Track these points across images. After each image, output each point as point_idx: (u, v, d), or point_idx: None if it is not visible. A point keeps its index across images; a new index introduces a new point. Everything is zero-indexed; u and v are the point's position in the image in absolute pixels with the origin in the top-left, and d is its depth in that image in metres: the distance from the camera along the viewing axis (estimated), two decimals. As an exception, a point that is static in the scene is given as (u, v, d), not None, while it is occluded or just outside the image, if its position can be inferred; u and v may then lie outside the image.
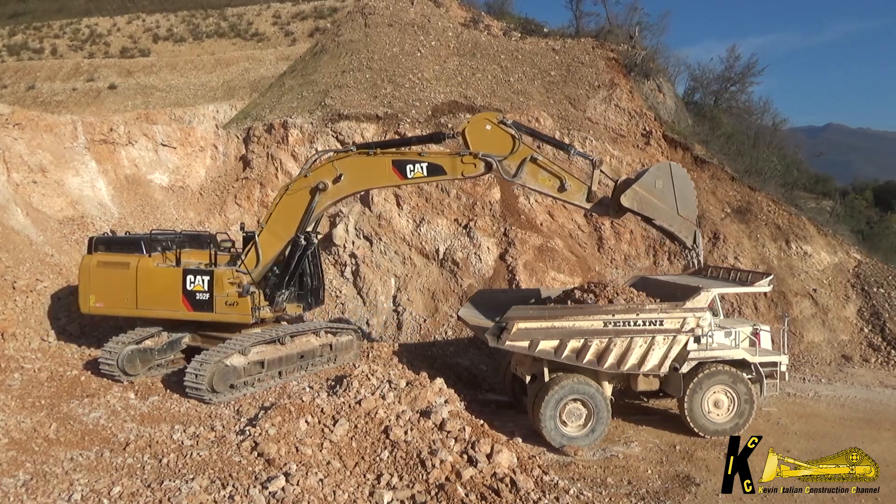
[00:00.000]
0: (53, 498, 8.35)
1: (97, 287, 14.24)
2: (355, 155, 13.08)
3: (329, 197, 13.27)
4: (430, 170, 12.86)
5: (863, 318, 21.88)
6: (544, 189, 12.93)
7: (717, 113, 33.00)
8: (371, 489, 9.47)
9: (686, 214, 12.32)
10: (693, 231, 12.54)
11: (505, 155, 12.57)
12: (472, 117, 13.30)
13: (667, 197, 12.11)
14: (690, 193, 12.54)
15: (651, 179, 12.13)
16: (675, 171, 12.24)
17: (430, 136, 13.59)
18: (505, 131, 12.61)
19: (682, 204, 12.25)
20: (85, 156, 21.24)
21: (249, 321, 13.59)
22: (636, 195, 12.30)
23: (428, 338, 19.63)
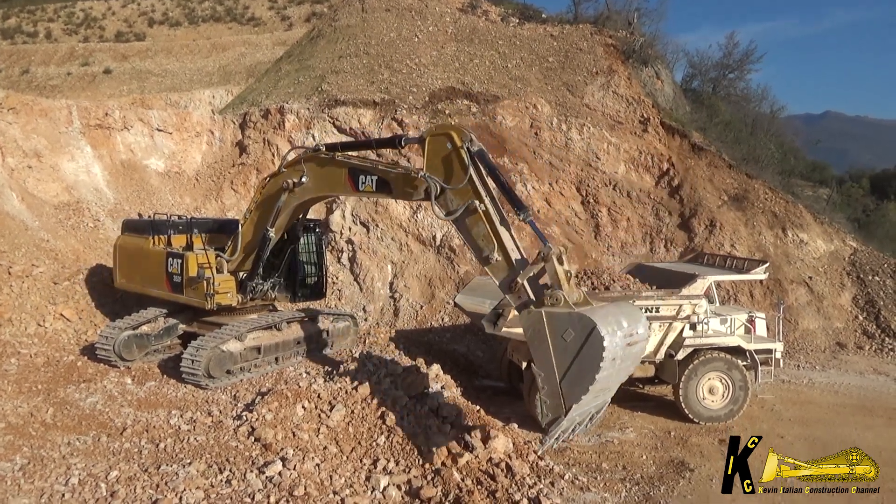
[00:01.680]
0: (51, 482, 8.37)
1: (122, 266, 15.31)
2: (319, 157, 12.14)
3: (296, 198, 12.63)
4: (378, 185, 11.18)
5: (858, 305, 21.98)
6: (471, 245, 10.13)
7: (715, 100, 32.93)
8: (368, 474, 9.53)
9: (566, 391, 8.36)
10: (558, 413, 8.53)
11: (451, 185, 10.00)
12: (439, 126, 11.03)
13: (562, 356, 8.37)
14: (589, 378, 8.22)
15: (565, 324, 8.35)
16: (594, 341, 8.05)
17: (390, 139, 11.81)
18: (462, 160, 9.94)
19: (572, 378, 8.32)
20: (80, 141, 21.11)
21: (206, 306, 13.63)
22: (536, 320, 8.71)
23: (424, 324, 19.68)
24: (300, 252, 15.07)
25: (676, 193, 24.70)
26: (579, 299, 8.97)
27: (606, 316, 8.39)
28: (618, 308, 9.21)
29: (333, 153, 11.94)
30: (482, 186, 9.91)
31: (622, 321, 8.60)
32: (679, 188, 24.73)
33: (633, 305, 9.70)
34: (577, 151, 25.00)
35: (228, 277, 13.87)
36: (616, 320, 8.48)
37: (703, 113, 29.81)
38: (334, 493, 8.77)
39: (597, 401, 8.98)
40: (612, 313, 8.66)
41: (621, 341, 8.41)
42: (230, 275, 13.93)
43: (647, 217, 24.27)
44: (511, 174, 23.48)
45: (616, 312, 8.81)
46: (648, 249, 23.73)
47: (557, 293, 8.70)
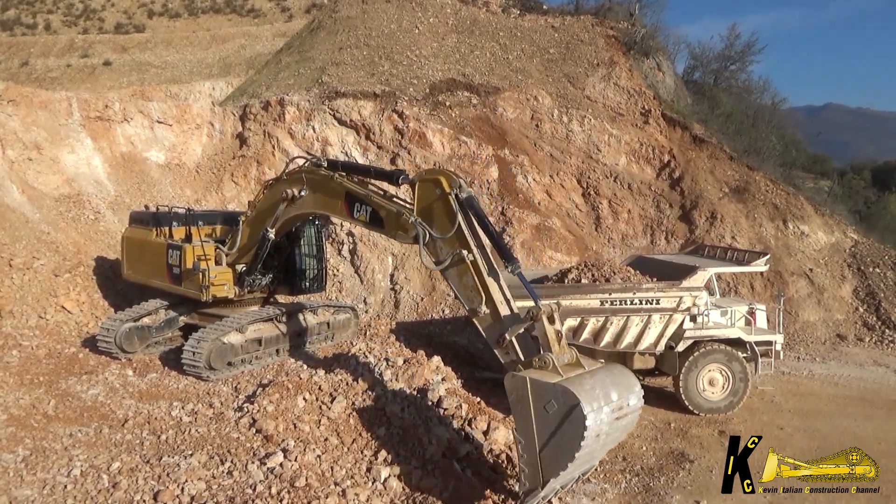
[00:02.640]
0: (53, 473, 8.41)
1: (129, 257, 15.48)
2: (320, 174, 11.91)
3: (294, 209, 12.55)
4: (371, 217, 10.85)
5: (858, 297, 21.98)
6: (459, 296, 9.79)
7: (717, 92, 32.83)
8: (368, 465, 9.56)
9: (545, 463, 7.97)
10: (535, 485, 8.15)
11: (439, 234, 9.71)
12: (429, 171, 10.58)
13: (544, 427, 7.93)
14: (569, 454, 7.76)
15: (548, 395, 7.87)
16: (576, 418, 7.59)
17: (391, 172, 11.20)
18: (450, 208, 9.60)
19: (552, 451, 7.90)
20: (80, 133, 21.08)
21: (201, 298, 13.66)
22: (520, 385, 8.13)
23: (425, 316, 19.70)
24: (301, 245, 15.11)
25: (677, 185, 24.66)
26: (571, 360, 8.56)
27: (593, 389, 7.92)
28: (609, 376, 8.56)
29: (334, 172, 11.64)
30: (471, 235, 9.57)
31: (611, 393, 8.09)
32: (680, 180, 24.69)
33: (626, 371, 9.07)
34: (578, 143, 24.95)
35: (226, 270, 13.90)
36: (604, 393, 8.00)
37: (705, 105, 29.73)
38: (335, 485, 8.80)
39: (579, 470, 8.65)
40: (600, 384, 8.13)
41: (608, 417, 7.91)
42: (228, 267, 13.95)
43: (647, 209, 24.25)
44: (512, 166, 23.47)
45: (606, 382, 8.25)
46: (649, 241, 23.72)
47: (547, 357, 8.30)
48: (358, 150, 23.63)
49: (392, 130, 23.57)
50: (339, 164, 12.18)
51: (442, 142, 23.40)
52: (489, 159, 23.27)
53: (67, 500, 7.79)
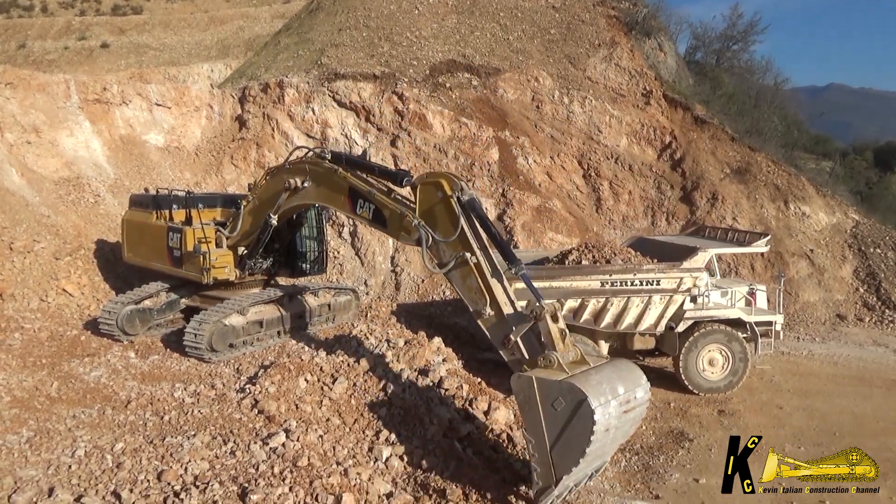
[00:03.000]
0: (57, 454, 8.47)
1: (129, 240, 15.52)
2: (323, 167, 11.83)
3: (297, 199, 12.53)
4: (374, 215, 10.87)
5: (858, 277, 22.00)
6: (464, 298, 9.83)
7: (719, 72, 32.61)
8: (370, 445, 9.63)
9: (556, 461, 7.98)
10: (548, 483, 8.15)
11: (442, 237, 9.74)
12: (430, 174, 10.45)
13: (553, 425, 7.93)
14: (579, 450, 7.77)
15: (555, 393, 7.88)
16: (584, 413, 7.62)
17: (395, 173, 11.06)
18: (452, 211, 9.62)
19: (562, 448, 7.90)
20: (79, 116, 20.99)
21: (202, 280, 13.68)
22: (527, 385, 8.17)
23: (426, 298, 19.74)
24: (302, 227, 15.12)
25: (678, 166, 24.58)
26: (576, 357, 8.57)
27: (600, 384, 7.97)
28: (615, 371, 8.59)
29: (337, 167, 11.54)
30: (474, 238, 9.56)
31: (618, 387, 8.14)
32: (681, 161, 24.60)
33: (632, 366, 9.03)
34: (579, 124, 24.83)
35: (226, 252, 13.92)
36: (611, 387, 8.05)
37: (707, 85, 29.54)
38: (337, 464, 8.87)
39: (591, 467, 8.70)
40: (606, 379, 8.18)
41: (616, 410, 7.97)
42: (229, 250, 13.96)
43: (648, 190, 24.18)
44: (512, 148, 23.38)
45: (612, 377, 8.31)
46: (650, 223, 23.70)
47: (551, 355, 8.33)
48: (358, 132, 23.52)
49: (392, 112, 23.44)
50: (342, 157, 12.05)
51: (442, 123, 23.29)
52: (489, 141, 23.17)
53: (72, 479, 7.85)
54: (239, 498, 7.67)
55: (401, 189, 10.72)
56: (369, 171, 11.45)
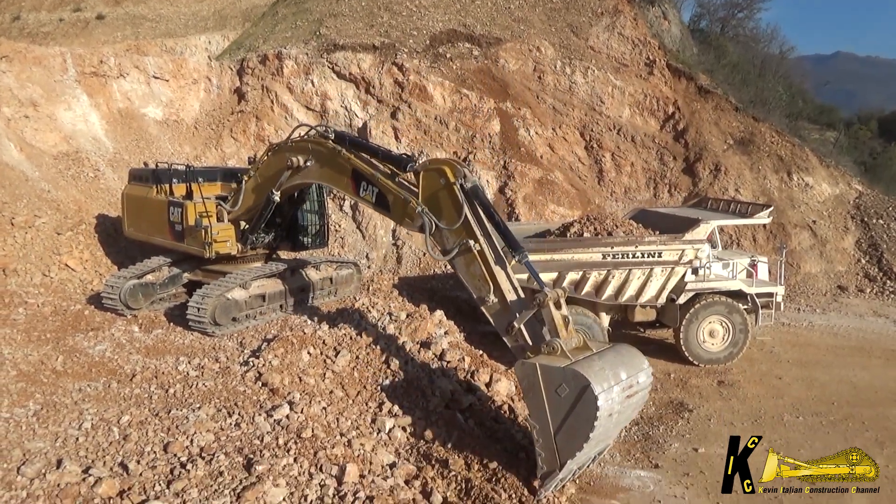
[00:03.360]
0: (64, 427, 8.57)
1: (129, 215, 15.46)
2: (327, 147, 11.69)
3: (299, 178, 12.44)
4: (378, 199, 10.80)
5: (861, 249, 22.00)
6: (467, 284, 9.80)
7: (724, 41, 32.22)
8: (373, 416, 9.73)
9: (560, 446, 8.07)
10: (553, 468, 8.24)
11: (445, 224, 9.68)
12: (433, 161, 10.40)
13: (557, 411, 8.00)
14: (583, 435, 7.86)
15: (559, 378, 7.94)
16: (588, 399, 7.69)
17: (399, 157, 10.81)
18: (456, 198, 9.57)
19: (567, 434, 7.99)
20: (76, 89, 20.80)
21: (204, 255, 13.71)
22: (531, 372, 8.20)
23: (427, 271, 19.77)
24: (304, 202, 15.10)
25: (681, 137, 24.42)
26: (579, 344, 8.69)
27: (603, 369, 8.09)
28: (617, 356, 8.70)
29: (341, 148, 11.40)
30: (477, 225, 9.50)
31: (620, 373, 8.27)
32: (684, 132, 24.43)
33: (634, 350, 9.09)
34: (581, 95, 24.61)
35: (228, 226, 13.91)
36: (614, 373, 8.17)
37: (711, 54, 29.22)
38: (341, 435, 8.97)
39: (594, 451, 8.84)
40: (609, 364, 8.30)
41: (619, 396, 8.09)
42: (230, 224, 13.96)
43: (651, 162, 24.06)
44: (514, 119, 23.20)
45: (615, 362, 8.42)
46: (652, 195, 23.63)
47: (555, 342, 8.42)
48: (358, 104, 23.33)
49: (392, 84, 23.21)
50: (346, 137, 11.89)
51: (443, 95, 23.08)
52: (490, 112, 22.98)
53: (80, 451, 7.95)
54: (244, 469, 7.79)
55: (404, 174, 10.65)
56: (373, 154, 11.33)
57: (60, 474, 7.32)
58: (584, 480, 9.54)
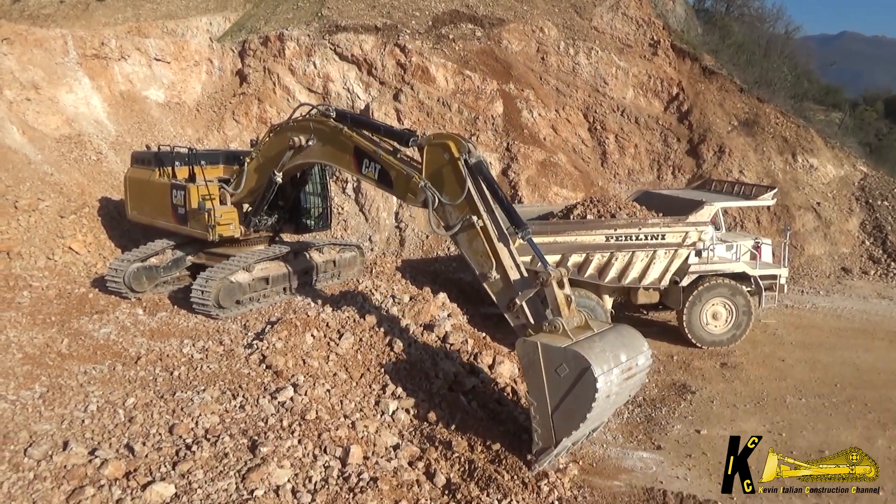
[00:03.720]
0: (70, 409, 8.63)
1: (132, 198, 15.46)
2: (328, 125, 11.64)
3: (301, 157, 12.40)
4: (380, 175, 10.75)
5: (865, 230, 21.91)
6: (470, 261, 9.77)
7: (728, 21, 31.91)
8: (377, 398, 9.78)
9: (557, 424, 8.18)
10: (548, 444, 8.37)
11: (448, 199, 9.63)
12: (437, 135, 10.18)
13: (556, 389, 8.07)
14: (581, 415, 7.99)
15: (559, 358, 7.99)
16: (587, 381, 7.74)
17: (401, 132, 10.84)
18: (459, 173, 9.50)
19: (564, 412, 8.10)
20: (77, 72, 20.70)
21: (208, 237, 13.72)
22: (532, 350, 8.23)
23: (430, 254, 19.78)
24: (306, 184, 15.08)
25: (685, 119, 24.25)
26: (580, 323, 8.73)
27: (603, 351, 8.15)
28: (618, 337, 8.72)
29: (342, 126, 11.35)
30: (481, 201, 9.45)
31: (620, 355, 8.33)
32: (688, 113, 24.26)
33: (634, 332, 9.09)
34: (585, 76, 24.42)
35: (231, 209, 13.91)
36: (614, 355, 8.23)
37: (716, 34, 28.93)
38: (345, 417, 9.03)
39: (590, 428, 8.91)
40: (609, 346, 8.34)
41: (617, 378, 8.19)
42: (233, 206, 13.96)
43: (654, 143, 23.92)
44: (517, 101, 23.05)
45: (615, 344, 8.47)
46: (656, 176, 23.52)
47: (557, 321, 8.45)
48: (360, 85, 23.19)
49: (394, 65, 23.04)
50: (348, 115, 11.87)
51: (445, 76, 22.91)
52: (494, 94, 22.83)
53: (86, 433, 8.02)
54: (249, 450, 7.84)
55: (406, 149, 10.62)
56: (375, 131, 11.32)
57: (67, 456, 7.38)
58: (587, 462, 9.60)
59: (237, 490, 7.12)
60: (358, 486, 7.52)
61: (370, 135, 11.19)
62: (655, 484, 9.06)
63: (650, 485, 9.00)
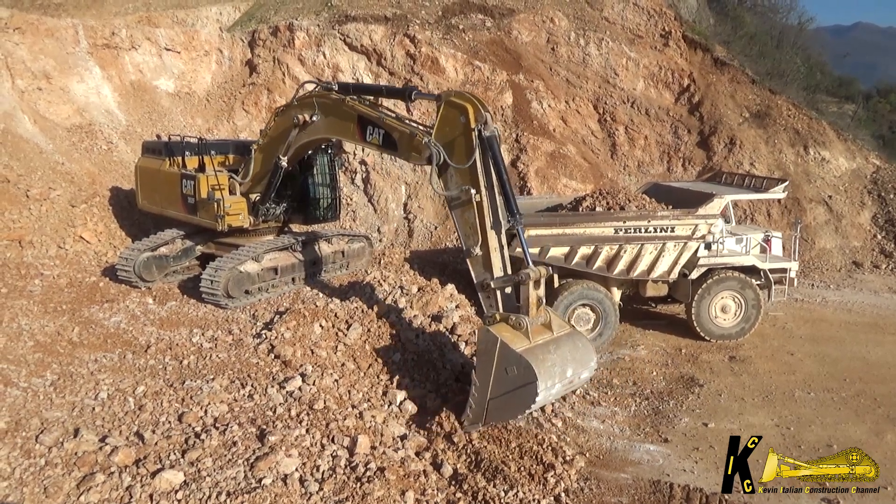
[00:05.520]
0: (81, 396, 8.72)
1: (143, 187, 15.49)
2: (331, 98, 11.65)
3: (306, 135, 12.39)
4: (384, 140, 10.72)
5: (877, 224, 21.74)
6: (459, 231, 9.88)
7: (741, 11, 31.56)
8: (384, 389, 9.83)
9: (491, 409, 8.75)
10: (477, 422, 8.94)
11: (454, 162, 9.55)
12: (458, 94, 9.92)
13: (500, 383, 8.56)
14: (513, 413, 8.78)
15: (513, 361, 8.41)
16: (529, 391, 8.26)
17: (403, 89, 10.88)
18: (471, 142, 9.36)
19: (500, 404, 8.66)
20: (88, 61, 20.75)
21: (217, 227, 13.77)
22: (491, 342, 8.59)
23: (439, 245, 19.77)
24: (314, 174, 15.07)
25: (696, 110, 24.07)
26: (545, 321, 9.06)
27: (553, 366, 8.60)
28: (570, 350, 9.02)
29: (345, 97, 11.38)
30: (483, 176, 9.40)
31: (567, 370, 8.82)
32: (699, 105, 24.08)
33: (588, 345, 9.54)
34: (595, 67, 24.26)
35: (240, 199, 13.95)
36: (561, 370, 8.72)
37: (728, 25, 28.64)
38: (353, 407, 9.08)
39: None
40: (560, 360, 8.75)
41: (557, 390, 8.84)
42: (242, 196, 14.00)
43: (665, 135, 23.77)
44: (526, 92, 22.95)
45: (565, 358, 8.86)
46: (666, 168, 23.39)
47: (522, 319, 8.76)
48: (369, 76, 23.13)
49: (404, 56, 22.97)
50: (350, 86, 11.94)
51: (455, 67, 22.83)
52: (503, 85, 22.73)
53: (96, 421, 8.10)
54: (258, 439, 7.91)
55: (411, 111, 10.72)
56: (377, 94, 11.47)
57: (78, 443, 7.46)
58: (594, 454, 9.61)
59: (245, 478, 7.18)
60: (365, 475, 7.56)
61: (372, 101, 11.27)
62: (662, 476, 9.07)
63: (657, 477, 9.01)
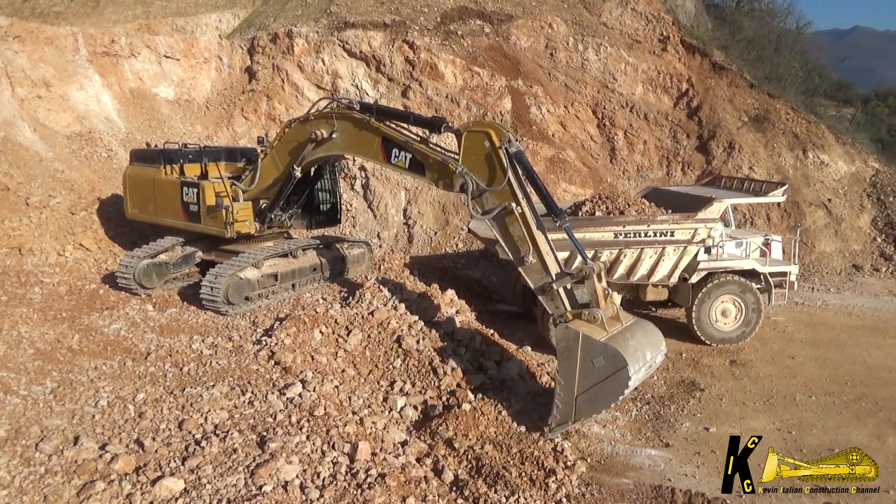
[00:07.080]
0: (81, 404, 8.71)
1: (132, 196, 15.38)
2: (353, 117, 11.68)
3: (323, 150, 12.43)
4: (412, 164, 10.94)
5: (876, 227, 21.75)
6: (506, 246, 10.04)
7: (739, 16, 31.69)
8: (385, 395, 9.82)
9: (580, 405, 9.00)
10: (566, 420, 9.21)
11: (488, 186, 9.85)
12: (477, 122, 10.22)
13: (587, 377, 8.84)
14: (606, 403, 9.22)
15: (598, 352, 8.75)
16: (621, 377, 8.65)
17: (432, 120, 11.04)
18: (501, 161, 9.70)
19: (590, 397, 8.95)
20: (88, 69, 20.80)
21: (225, 235, 13.75)
22: (572, 338, 8.91)
23: (439, 250, 19.78)
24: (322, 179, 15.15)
25: (695, 115, 24.12)
26: (614, 314, 9.49)
27: (636, 350, 9.06)
28: (645, 336, 9.66)
29: (368, 117, 11.42)
30: (520, 189, 9.80)
31: (647, 353, 9.35)
32: (698, 109, 24.12)
33: (656, 331, 10.11)
34: (594, 72, 24.31)
35: (246, 205, 13.96)
36: (642, 354, 9.21)
37: (726, 30, 28.75)
38: (353, 413, 9.06)
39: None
40: (640, 345, 9.25)
41: (642, 374, 9.36)
42: (247, 203, 14.00)
43: (664, 140, 23.81)
44: (525, 97, 23.00)
45: (643, 343, 9.42)
46: (665, 173, 23.41)
47: (596, 312, 9.11)
48: (368, 82, 23.18)
49: (403, 62, 23.03)
50: (372, 107, 11.89)
51: (454, 73, 22.89)
52: (502, 90, 22.78)
53: (96, 428, 8.09)
54: (258, 446, 7.89)
55: (437, 137, 10.85)
56: (404, 121, 11.48)
57: (77, 451, 7.45)
58: (595, 459, 9.58)
59: (246, 485, 7.16)
60: (366, 482, 7.54)
61: (397, 125, 11.33)
62: (664, 481, 9.04)
63: (658, 482, 8.97)
